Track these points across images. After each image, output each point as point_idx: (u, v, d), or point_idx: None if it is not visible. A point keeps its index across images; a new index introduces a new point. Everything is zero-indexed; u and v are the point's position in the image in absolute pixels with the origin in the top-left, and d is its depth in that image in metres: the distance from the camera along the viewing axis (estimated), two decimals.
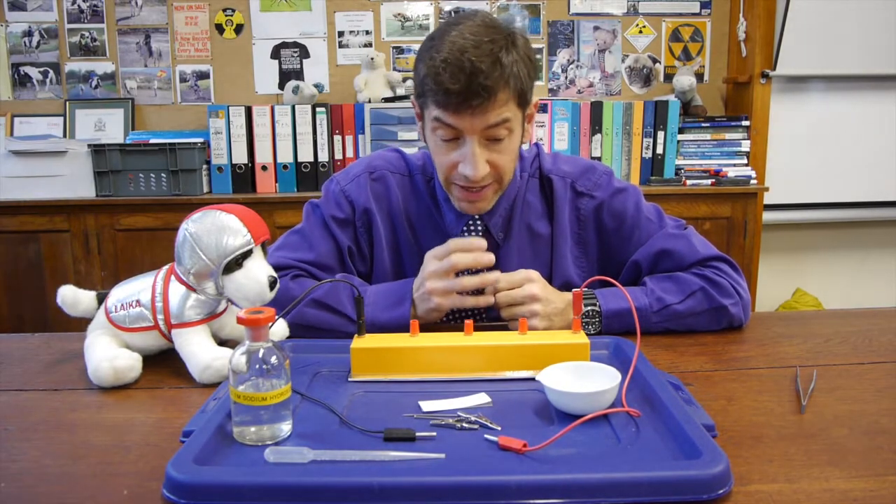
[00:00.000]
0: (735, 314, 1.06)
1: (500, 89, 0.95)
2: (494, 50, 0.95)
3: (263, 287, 0.87)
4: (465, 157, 1.00)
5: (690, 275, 1.08)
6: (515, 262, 1.15)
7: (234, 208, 0.89)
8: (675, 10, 2.77)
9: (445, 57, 0.94)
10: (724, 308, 1.05)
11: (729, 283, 1.06)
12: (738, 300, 1.06)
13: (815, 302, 2.84)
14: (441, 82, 0.95)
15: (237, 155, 2.47)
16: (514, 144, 1.04)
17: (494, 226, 1.14)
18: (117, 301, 0.92)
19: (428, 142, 1.07)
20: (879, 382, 0.85)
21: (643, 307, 1.04)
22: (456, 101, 0.95)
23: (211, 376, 0.86)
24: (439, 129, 1.01)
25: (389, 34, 2.72)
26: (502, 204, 1.13)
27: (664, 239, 1.12)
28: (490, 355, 0.86)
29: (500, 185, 1.07)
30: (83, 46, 2.67)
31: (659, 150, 2.54)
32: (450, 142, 1.01)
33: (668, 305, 1.04)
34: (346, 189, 1.17)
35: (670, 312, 1.04)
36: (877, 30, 2.56)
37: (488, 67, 0.93)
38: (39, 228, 2.36)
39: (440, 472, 0.61)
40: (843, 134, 2.71)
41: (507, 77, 0.96)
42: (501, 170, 1.04)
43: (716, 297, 1.05)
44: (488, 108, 0.96)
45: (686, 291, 1.05)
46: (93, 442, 0.71)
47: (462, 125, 0.98)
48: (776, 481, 0.61)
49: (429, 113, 1.02)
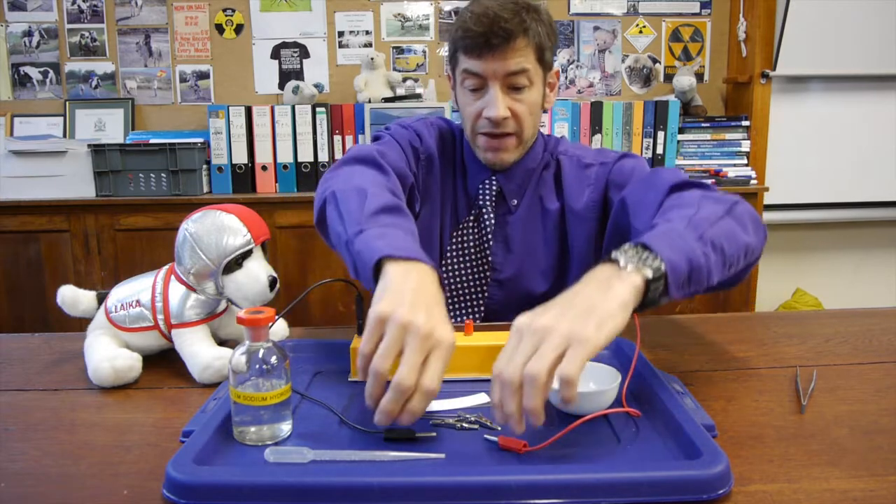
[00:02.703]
0: (750, 209, 0.88)
1: (519, 35, 1.06)
2: (516, 8, 1.06)
3: (263, 287, 0.87)
4: (489, 102, 1.09)
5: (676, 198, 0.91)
6: (523, 232, 1.20)
7: (234, 208, 0.89)
8: (675, 10, 2.77)
9: (472, 9, 1.07)
10: (737, 203, 0.86)
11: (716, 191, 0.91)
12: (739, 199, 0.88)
13: (815, 302, 2.84)
14: (467, 27, 1.06)
15: (237, 155, 2.46)
16: (533, 98, 1.12)
17: (509, 191, 1.19)
18: (117, 301, 0.92)
19: (459, 100, 1.17)
20: (879, 382, 0.85)
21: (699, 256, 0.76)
22: (480, 42, 1.06)
23: (211, 376, 0.86)
24: (467, 79, 1.11)
25: (389, 34, 2.72)
26: (519, 171, 1.19)
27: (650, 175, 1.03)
28: (490, 355, 0.85)
29: (521, 139, 1.15)
30: (83, 46, 2.67)
31: (659, 150, 2.54)
32: (476, 91, 1.11)
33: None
34: (417, 127, 1.22)
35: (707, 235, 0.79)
36: (877, 30, 2.56)
37: (509, 16, 1.05)
38: (39, 228, 2.36)
39: (440, 472, 0.61)
40: (843, 134, 2.70)
41: (527, 28, 1.06)
42: (522, 120, 1.12)
43: (721, 197, 0.87)
44: (507, 53, 1.06)
45: (693, 205, 0.84)
46: (93, 442, 0.71)
47: (485, 70, 1.08)
48: (776, 481, 0.61)
49: (458, 70, 1.12)
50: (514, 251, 1.20)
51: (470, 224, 1.20)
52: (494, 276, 1.20)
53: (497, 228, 1.20)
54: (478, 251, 1.20)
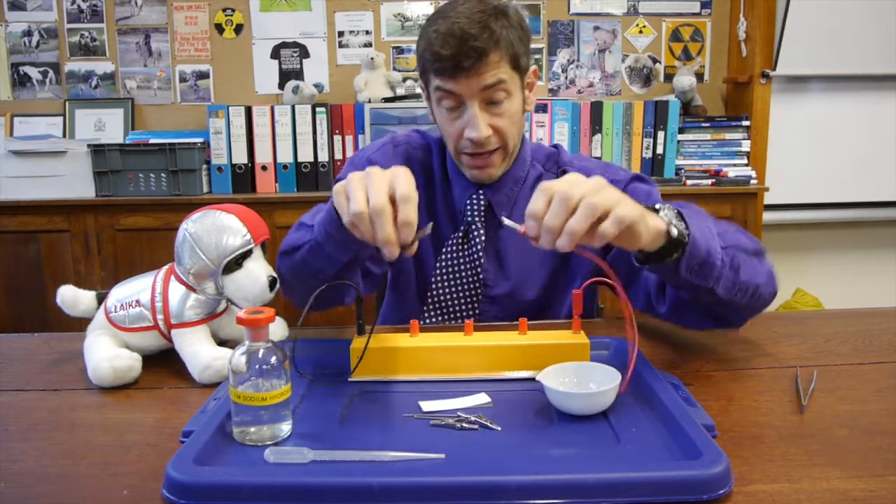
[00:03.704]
0: (772, 263, 0.95)
1: (491, 50, 1.01)
2: (483, 18, 1.01)
3: (263, 287, 0.87)
4: (469, 122, 1.06)
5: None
6: (518, 247, 1.17)
7: (234, 208, 0.89)
8: (675, 10, 2.77)
9: (437, 28, 1.02)
10: (765, 250, 0.93)
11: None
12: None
13: (815, 302, 2.84)
14: (435, 51, 1.02)
15: (237, 155, 2.46)
16: (514, 108, 1.08)
17: (498, 203, 1.16)
18: (117, 301, 0.92)
19: (436, 118, 1.13)
20: (879, 382, 0.84)
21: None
22: (450, 66, 1.01)
23: (211, 376, 0.86)
24: (442, 98, 1.07)
25: (389, 34, 2.72)
26: (507, 182, 1.16)
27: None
28: (490, 355, 0.86)
29: (506, 151, 1.11)
30: (83, 46, 2.67)
31: (659, 150, 2.54)
32: (453, 111, 1.07)
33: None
34: (373, 157, 1.19)
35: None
36: (877, 30, 2.56)
37: (477, 31, 1.00)
38: (39, 228, 2.36)
39: (440, 472, 0.61)
40: (843, 134, 2.70)
41: (497, 39, 1.01)
42: (504, 133, 1.08)
43: (752, 237, 0.93)
44: (481, 70, 1.02)
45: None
46: (93, 442, 0.71)
47: (460, 89, 1.04)
48: (776, 481, 0.61)
49: (431, 87, 1.08)
50: (506, 266, 1.17)
51: (459, 240, 1.17)
52: (486, 293, 1.17)
53: (488, 243, 1.17)
54: (468, 267, 1.17)
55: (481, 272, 1.16)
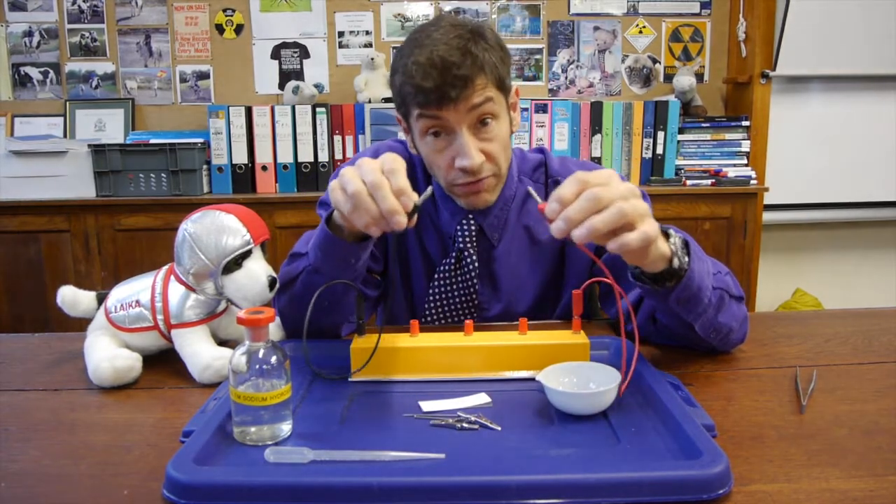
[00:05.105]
0: (746, 312, 0.97)
1: (476, 76, 0.97)
2: (462, 44, 0.97)
3: (263, 287, 0.87)
4: (460, 150, 1.01)
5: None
6: (511, 266, 1.15)
7: (234, 208, 0.89)
8: (675, 11, 2.77)
9: (415, 59, 0.96)
10: (743, 298, 0.95)
11: None
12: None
13: (815, 302, 2.84)
14: (417, 84, 0.96)
15: (237, 155, 2.47)
16: (502, 131, 1.04)
17: (489, 226, 1.13)
18: (117, 301, 0.92)
19: (421, 151, 1.07)
20: (879, 382, 0.84)
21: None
22: (435, 98, 0.96)
23: (211, 376, 0.86)
24: (429, 127, 1.01)
25: (389, 34, 2.72)
26: (497, 204, 1.12)
27: None
28: (490, 355, 0.86)
29: (499, 175, 1.07)
30: (83, 46, 2.67)
31: (659, 150, 2.54)
32: (440, 139, 1.02)
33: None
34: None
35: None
36: (877, 30, 2.56)
37: (459, 59, 0.95)
38: (39, 228, 2.36)
39: (440, 472, 0.61)
40: (843, 134, 2.71)
41: (482, 64, 0.97)
42: (495, 158, 1.04)
43: (737, 283, 0.95)
44: (469, 96, 0.97)
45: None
46: (93, 442, 0.71)
47: (448, 117, 0.99)
48: (776, 481, 0.61)
49: (413, 120, 1.03)
50: (501, 287, 1.16)
51: (451, 266, 1.14)
52: (481, 315, 1.16)
53: (482, 267, 1.14)
54: (463, 292, 1.15)
55: (476, 297, 1.15)
